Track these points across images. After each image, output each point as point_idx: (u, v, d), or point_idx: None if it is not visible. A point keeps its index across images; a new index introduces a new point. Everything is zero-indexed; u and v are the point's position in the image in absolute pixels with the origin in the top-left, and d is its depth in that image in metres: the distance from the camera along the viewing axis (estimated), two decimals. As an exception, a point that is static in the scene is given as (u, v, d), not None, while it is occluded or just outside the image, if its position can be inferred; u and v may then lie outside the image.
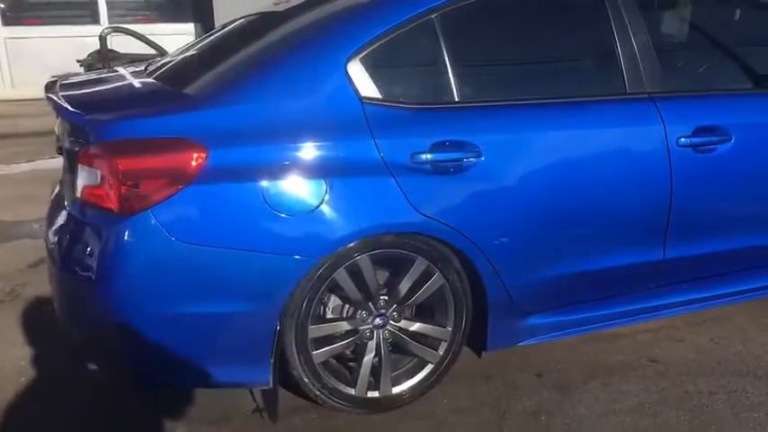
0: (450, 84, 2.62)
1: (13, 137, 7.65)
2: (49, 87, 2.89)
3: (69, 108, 2.55)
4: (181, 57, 3.15)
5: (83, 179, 2.43)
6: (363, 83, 2.52)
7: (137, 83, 2.95)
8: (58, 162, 2.91)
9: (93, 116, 2.44)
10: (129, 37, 7.96)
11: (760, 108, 3.04)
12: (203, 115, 2.40)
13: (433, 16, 2.63)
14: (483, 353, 2.87)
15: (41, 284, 3.71)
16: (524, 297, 2.77)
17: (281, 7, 3.12)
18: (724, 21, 3.16)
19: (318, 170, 2.41)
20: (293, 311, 2.47)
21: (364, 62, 2.53)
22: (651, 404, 2.74)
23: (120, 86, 2.99)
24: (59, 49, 8.92)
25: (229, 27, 3.34)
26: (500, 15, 2.78)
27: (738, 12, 3.12)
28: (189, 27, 9.45)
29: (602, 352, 3.11)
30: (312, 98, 2.49)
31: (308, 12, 2.88)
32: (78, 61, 7.63)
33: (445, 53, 2.62)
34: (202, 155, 2.32)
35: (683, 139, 2.85)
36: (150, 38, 7.90)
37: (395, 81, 2.61)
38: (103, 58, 7.76)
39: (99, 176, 2.34)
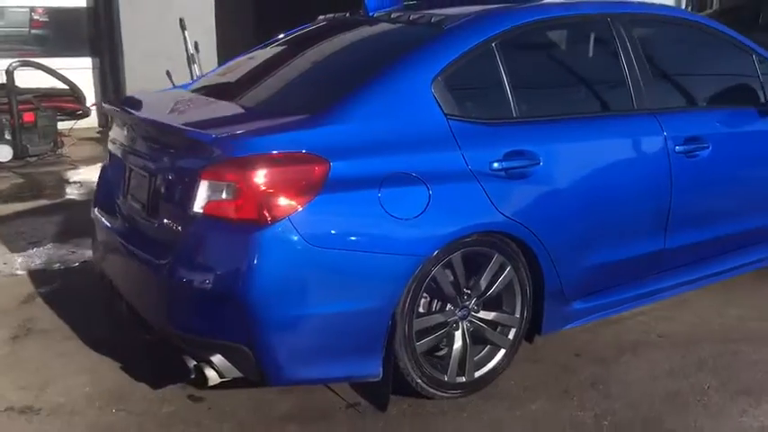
0: (510, 101, 3.03)
1: None
2: (128, 109, 3.00)
3: (186, 128, 2.69)
4: (245, 74, 3.36)
5: (206, 194, 2.57)
6: (445, 101, 2.87)
7: (220, 102, 3.13)
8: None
9: (222, 134, 2.59)
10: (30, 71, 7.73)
11: (726, 120, 3.71)
12: (321, 132, 2.65)
13: (493, 44, 3.04)
14: (537, 337, 3.24)
15: (48, 317, 3.73)
16: (570, 285, 3.20)
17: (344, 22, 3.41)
18: (697, 53, 3.86)
19: (421, 178, 2.72)
20: (404, 306, 2.74)
21: (444, 83, 2.89)
22: (679, 368, 3.25)
23: (209, 106, 3.14)
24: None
25: (288, 42, 3.58)
26: (542, 45, 3.25)
27: (708, 47, 3.81)
28: (86, 61, 9.20)
29: (618, 333, 3.59)
30: (407, 115, 2.81)
31: (379, 30, 3.22)
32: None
33: (504, 75, 3.03)
34: (326, 167, 2.57)
35: (677, 147, 3.43)
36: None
37: (467, 99, 2.99)
38: (9, 92, 7.46)
39: (234, 189, 2.51)
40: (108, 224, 3.26)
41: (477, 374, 3.01)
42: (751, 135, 3.80)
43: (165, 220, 2.77)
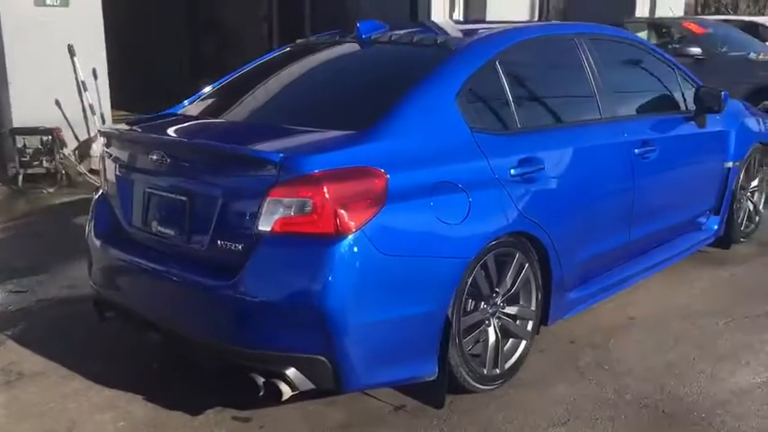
0: (514, 113, 3.33)
1: None
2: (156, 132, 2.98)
3: (245, 148, 2.73)
4: (256, 94, 3.45)
5: (274, 212, 2.63)
6: (468, 115, 3.12)
7: (249, 122, 3.23)
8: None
9: (288, 152, 2.65)
10: None
11: (663, 126, 4.24)
12: (375, 147, 2.80)
13: (497, 62, 3.32)
14: (544, 327, 3.53)
15: (32, 359, 3.57)
16: (569, 276, 3.53)
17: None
18: (638, 68, 4.39)
19: (461, 186, 2.94)
20: (455, 306, 2.93)
21: (464, 98, 3.14)
22: (662, 344, 3.67)
23: (242, 127, 3.21)
24: None
25: (285, 63, 3.71)
26: (532, 61, 3.59)
27: (645, 63, 4.38)
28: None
29: (595, 320, 3.95)
30: (439, 128, 3.04)
31: (385, 51, 3.42)
32: None
33: (507, 89, 3.33)
34: (386, 179, 2.72)
35: (636, 150, 3.90)
36: None
37: (482, 112, 3.27)
38: None
39: (309, 205, 2.59)
40: (123, 253, 3.17)
41: (506, 365, 3.25)
42: (681, 138, 4.36)
43: (220, 242, 2.77)
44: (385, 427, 2.97)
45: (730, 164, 4.80)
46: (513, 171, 3.17)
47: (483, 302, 3.13)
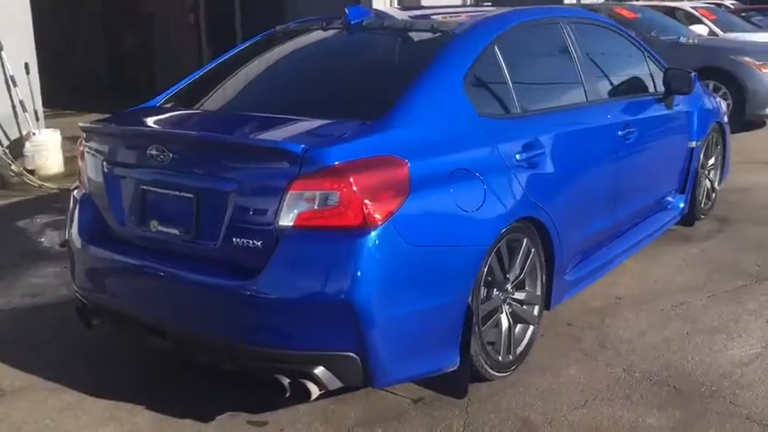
0: (513, 97, 3.31)
1: None
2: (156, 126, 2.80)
3: (263, 141, 2.60)
4: (252, 85, 3.31)
5: (296, 206, 2.52)
6: (474, 100, 3.08)
7: (254, 113, 3.07)
8: None
9: (309, 144, 2.54)
10: None
11: (639, 108, 4.32)
12: (393, 135, 2.73)
13: (495, 46, 3.29)
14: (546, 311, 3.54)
15: (11, 374, 3.35)
16: (568, 259, 3.56)
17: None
18: (615, 52, 4.45)
19: (476, 172, 2.90)
20: (474, 294, 2.88)
21: (470, 83, 3.10)
22: (654, 322, 3.75)
23: (246, 119, 3.04)
24: None
25: (275, 50, 3.58)
26: (527, 48, 3.58)
27: (621, 47, 4.48)
28: None
29: (584, 302, 3.98)
30: (449, 114, 2.99)
31: (382, 38, 3.33)
32: None
33: (507, 73, 3.30)
34: (407, 168, 2.65)
35: (619, 132, 3.96)
36: None
37: (486, 98, 3.24)
38: None
39: (334, 197, 2.49)
40: (116, 256, 2.98)
41: (518, 352, 3.24)
42: (654, 119, 4.46)
43: (235, 240, 2.63)
44: (408, 420, 2.91)
45: (693, 143, 4.94)
46: (518, 156, 3.15)
47: (495, 289, 3.10)
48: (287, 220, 2.53)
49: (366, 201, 2.51)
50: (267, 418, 2.93)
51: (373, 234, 2.51)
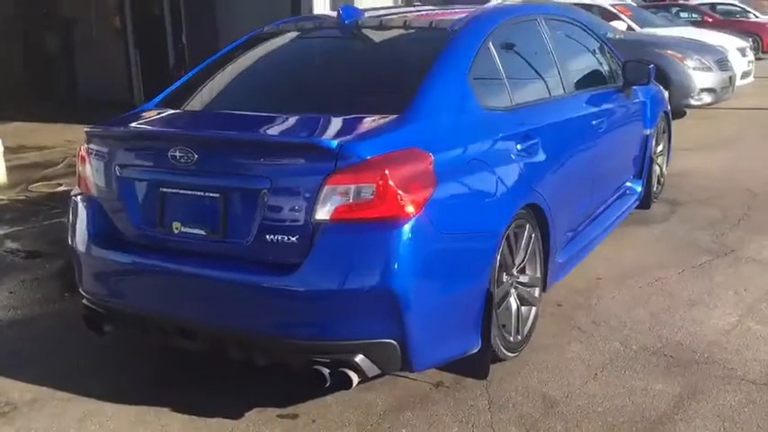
0: (508, 90, 3.47)
1: None
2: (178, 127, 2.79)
3: (296, 138, 2.65)
4: (261, 84, 3.35)
5: (333, 200, 2.59)
6: (477, 94, 3.22)
7: (270, 113, 3.10)
8: None
9: (343, 139, 2.60)
10: None
11: (605, 98, 4.57)
12: (416, 128, 2.83)
13: (490, 41, 3.44)
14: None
15: (17, 387, 3.28)
16: (559, 243, 3.75)
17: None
18: (586, 47, 4.70)
19: (487, 162, 3.04)
20: (492, 279, 3.02)
21: (473, 78, 3.23)
22: (637, 298, 3.99)
23: (267, 117, 3.06)
24: None
25: (279, 47, 3.61)
26: (514, 43, 3.74)
27: (590, 43, 4.72)
28: None
29: (568, 284, 4.18)
30: (458, 107, 3.12)
31: (383, 36, 3.41)
32: None
33: (501, 67, 3.46)
34: (431, 159, 2.76)
35: (594, 121, 4.19)
36: None
37: (487, 91, 3.36)
38: None
39: (371, 190, 2.57)
40: (134, 258, 2.96)
41: (525, 332, 3.40)
42: (617, 109, 4.72)
43: (268, 236, 2.67)
44: (434, 403, 3.02)
45: (648, 131, 5.26)
46: (519, 146, 3.31)
47: (505, 273, 3.25)
48: (324, 214, 2.59)
49: (401, 192, 2.60)
50: (296, 410, 2.98)
51: (409, 224, 2.60)
